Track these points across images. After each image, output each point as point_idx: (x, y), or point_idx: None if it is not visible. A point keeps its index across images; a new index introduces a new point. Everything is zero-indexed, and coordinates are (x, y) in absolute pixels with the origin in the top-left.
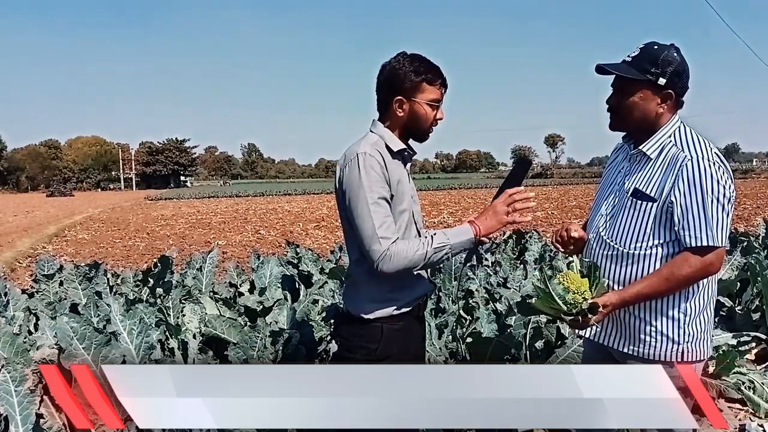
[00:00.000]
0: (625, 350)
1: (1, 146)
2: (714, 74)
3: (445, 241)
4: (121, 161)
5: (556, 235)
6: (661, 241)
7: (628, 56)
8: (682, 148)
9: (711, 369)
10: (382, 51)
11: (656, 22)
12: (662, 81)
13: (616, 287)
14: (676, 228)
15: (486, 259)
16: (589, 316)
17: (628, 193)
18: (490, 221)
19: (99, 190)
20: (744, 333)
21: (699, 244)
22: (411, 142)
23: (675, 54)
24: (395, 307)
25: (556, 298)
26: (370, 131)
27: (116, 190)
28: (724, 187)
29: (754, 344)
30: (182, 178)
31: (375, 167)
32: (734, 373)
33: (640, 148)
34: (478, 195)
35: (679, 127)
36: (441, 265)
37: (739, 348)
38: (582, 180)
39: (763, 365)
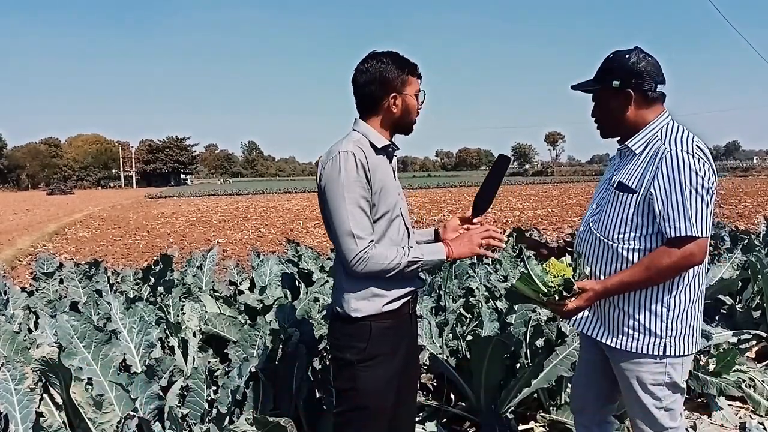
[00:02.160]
0: (611, 344)
1: (1, 144)
2: (714, 72)
3: (419, 257)
4: (121, 159)
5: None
6: (642, 233)
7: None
8: (664, 141)
9: (711, 367)
10: (385, 48)
11: (657, 19)
12: (616, 83)
13: (601, 278)
14: (657, 219)
15: (486, 257)
16: (566, 297)
17: (613, 186)
18: (464, 248)
19: (99, 188)
20: (744, 331)
21: (678, 235)
22: (396, 137)
23: (629, 56)
24: (383, 304)
25: (535, 279)
26: (353, 130)
27: (116, 188)
28: (703, 178)
29: (754, 342)
30: (182, 176)
31: (356, 166)
32: (735, 371)
33: (626, 143)
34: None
35: (668, 123)
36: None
37: (740, 346)
38: (582, 178)
39: (764, 363)
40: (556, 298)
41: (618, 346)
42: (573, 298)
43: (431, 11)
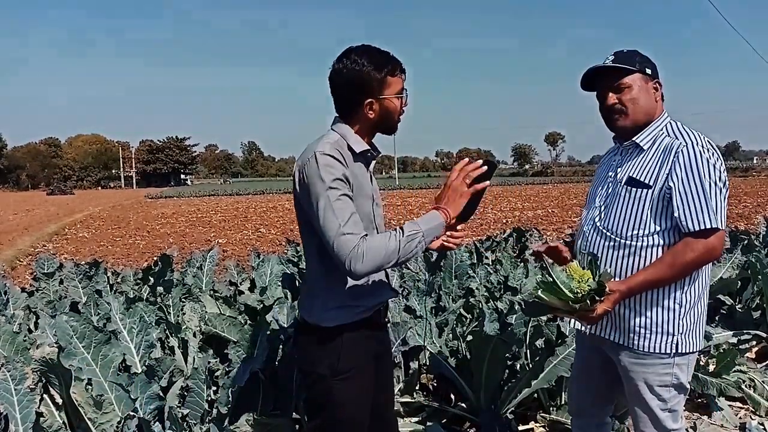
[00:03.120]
0: (619, 342)
1: (1, 144)
2: (715, 72)
3: (416, 229)
4: (121, 159)
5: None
6: (657, 229)
7: (608, 61)
8: (676, 136)
9: (711, 367)
10: (385, 47)
11: (657, 20)
12: (648, 71)
13: (614, 278)
14: (675, 214)
15: (486, 258)
16: (597, 302)
17: (621, 182)
18: (455, 200)
19: (99, 188)
20: (744, 331)
21: (701, 227)
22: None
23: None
24: (354, 313)
25: (561, 286)
26: (332, 129)
27: (116, 188)
28: (719, 171)
29: (754, 342)
30: (182, 176)
31: (335, 165)
32: (735, 371)
33: (634, 139)
34: None
35: (670, 121)
36: (443, 263)
37: (740, 346)
38: (582, 178)
39: (764, 363)
40: (589, 304)
41: (629, 346)
42: (601, 302)
43: (432, 11)
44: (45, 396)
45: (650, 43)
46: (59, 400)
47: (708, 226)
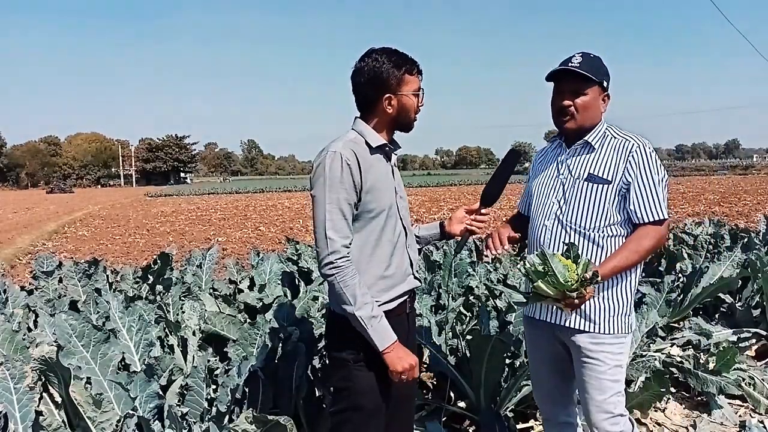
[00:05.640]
0: (579, 327)
1: (0, 143)
2: (714, 70)
3: (368, 325)
4: (120, 158)
5: (491, 242)
6: (616, 220)
7: (575, 62)
8: (626, 138)
9: (711, 365)
10: (385, 45)
11: (658, 17)
12: (605, 84)
13: None
14: (631, 206)
15: (486, 256)
16: (590, 289)
17: (580, 179)
18: (397, 359)
19: (99, 186)
20: (744, 329)
21: (657, 218)
22: (397, 135)
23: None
24: (378, 304)
25: (559, 276)
26: (352, 129)
27: (116, 186)
28: (663, 169)
29: (754, 340)
30: (182, 174)
31: (341, 167)
32: (734, 369)
33: (586, 138)
34: (478, 191)
35: (608, 126)
36: (442, 261)
37: (740, 344)
38: None
39: (764, 361)
40: (584, 292)
41: (587, 329)
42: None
43: (432, 9)
44: (44, 395)
45: (652, 40)
46: (58, 399)
47: (661, 217)
